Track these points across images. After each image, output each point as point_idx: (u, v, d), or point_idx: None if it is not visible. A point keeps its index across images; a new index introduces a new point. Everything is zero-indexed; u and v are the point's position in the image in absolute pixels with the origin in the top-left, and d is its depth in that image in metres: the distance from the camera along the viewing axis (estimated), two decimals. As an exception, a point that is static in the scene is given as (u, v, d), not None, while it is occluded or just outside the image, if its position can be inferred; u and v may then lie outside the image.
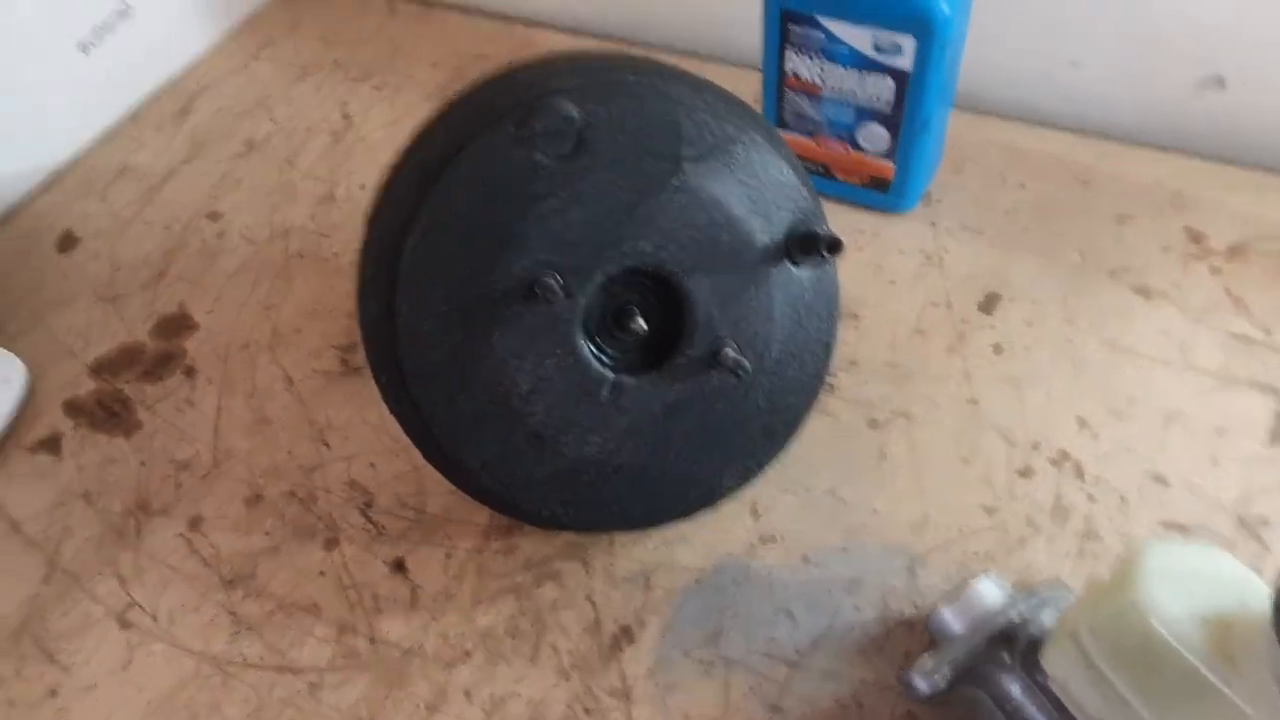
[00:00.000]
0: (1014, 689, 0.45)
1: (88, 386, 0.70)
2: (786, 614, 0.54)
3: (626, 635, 0.54)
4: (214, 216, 0.81)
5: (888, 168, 0.71)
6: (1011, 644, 0.46)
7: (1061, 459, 0.59)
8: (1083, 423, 0.61)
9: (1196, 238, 0.70)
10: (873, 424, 0.62)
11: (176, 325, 0.73)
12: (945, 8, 0.61)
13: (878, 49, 0.64)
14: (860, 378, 0.65)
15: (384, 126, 0.88)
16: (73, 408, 0.68)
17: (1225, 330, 0.64)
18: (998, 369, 0.64)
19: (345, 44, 0.98)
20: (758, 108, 0.74)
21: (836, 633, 0.53)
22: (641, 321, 0.46)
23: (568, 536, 0.57)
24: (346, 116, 0.90)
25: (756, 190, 0.47)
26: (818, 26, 0.65)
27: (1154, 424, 0.60)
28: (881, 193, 0.73)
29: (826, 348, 0.50)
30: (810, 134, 0.72)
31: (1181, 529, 0.55)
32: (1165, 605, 0.38)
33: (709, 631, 0.54)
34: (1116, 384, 0.62)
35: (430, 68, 0.94)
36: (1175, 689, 0.37)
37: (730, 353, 0.47)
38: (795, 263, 0.48)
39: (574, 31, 0.95)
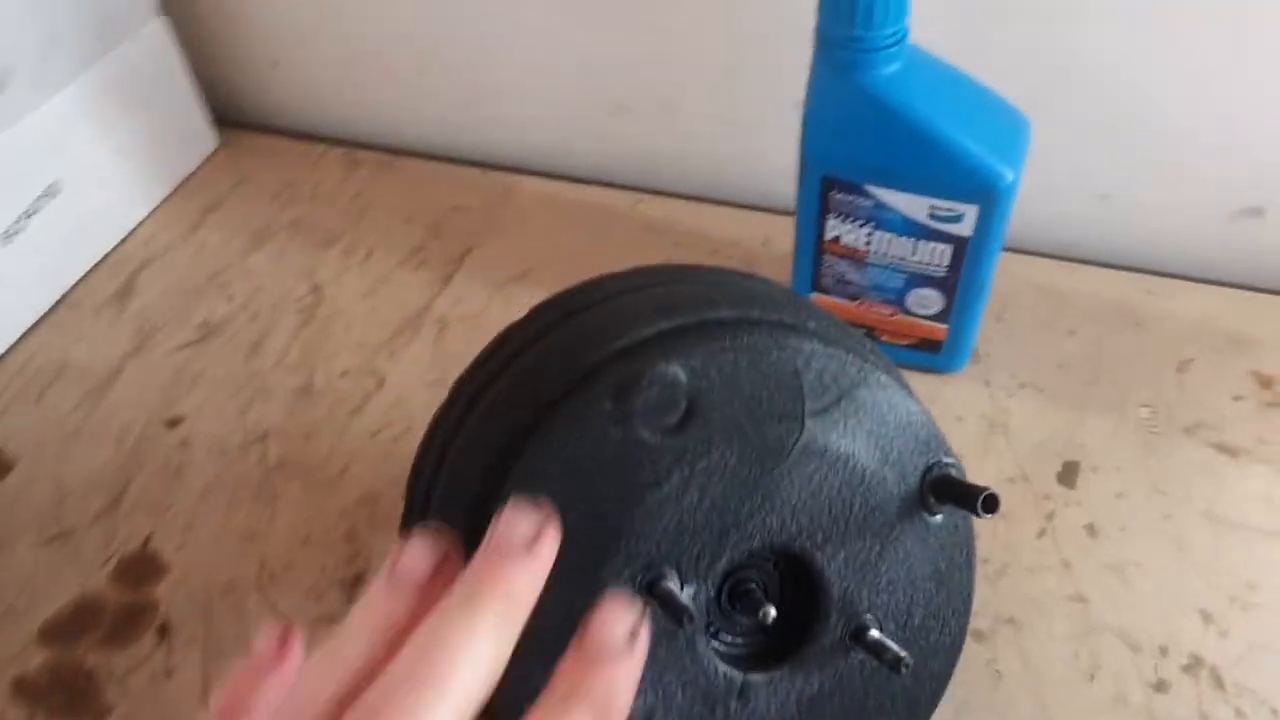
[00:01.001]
0: None
1: (39, 658, 0.58)
2: None
3: None
4: (173, 422, 0.70)
5: (939, 330, 0.65)
6: None
7: (1195, 665, 0.53)
8: (1207, 617, 0.55)
9: (1266, 382, 0.66)
10: (977, 635, 0.55)
11: (142, 568, 0.62)
12: (1009, 174, 0.56)
13: (934, 217, 0.59)
14: (950, 577, 0.58)
15: (361, 297, 0.79)
16: (23, 689, 0.56)
17: (1324, 489, 0.60)
18: (1096, 555, 0.58)
19: (303, 203, 0.89)
20: (787, 266, 0.68)
21: None
22: (771, 608, 0.38)
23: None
24: (315, 288, 0.80)
25: (886, 438, 0.40)
26: (865, 195, 0.59)
27: (1274, 606, 0.55)
28: (931, 353, 0.67)
29: (967, 599, 0.43)
30: (853, 299, 0.66)
31: (1346, 744, 0.50)
32: None
33: None
34: (1229, 565, 0.57)
35: (404, 224, 0.86)
36: None
37: (875, 634, 0.39)
38: (932, 512, 0.41)
39: (564, 178, 0.89)
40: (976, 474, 0.62)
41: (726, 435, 0.37)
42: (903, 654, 0.38)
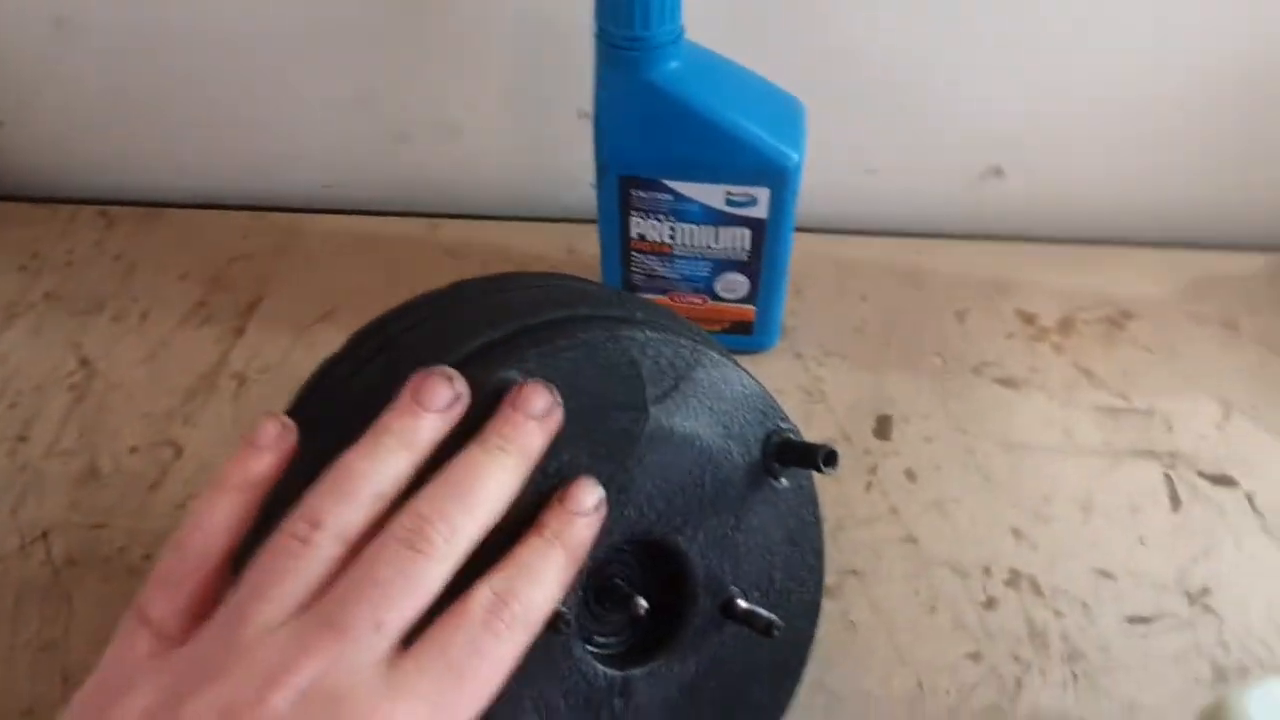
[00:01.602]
0: None
1: None
2: None
3: None
4: (-69, 536, 0.61)
5: (748, 311, 0.68)
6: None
7: (1015, 579, 0.58)
8: (1017, 534, 0.61)
9: (1030, 319, 0.74)
10: (828, 592, 0.58)
11: (-86, 710, 0.53)
12: (794, 154, 0.59)
13: (730, 203, 0.61)
14: (795, 543, 0.60)
15: (139, 363, 0.72)
16: None
17: (1091, 406, 0.68)
18: (918, 497, 0.63)
19: (56, 270, 0.80)
20: (595, 270, 0.69)
21: None
22: (641, 601, 0.38)
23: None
24: (84, 361, 0.72)
25: (726, 413, 0.41)
26: (664, 190, 0.61)
27: (1075, 518, 0.61)
28: (744, 335, 0.70)
29: (819, 554, 0.45)
30: (664, 292, 0.68)
31: (1145, 621, 0.56)
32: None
33: None
34: (1028, 485, 0.63)
35: (179, 281, 0.79)
36: None
37: (742, 604, 0.40)
38: (776, 477, 0.42)
39: (353, 212, 0.85)
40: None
41: (574, 437, 0.36)
42: (773, 618, 0.39)
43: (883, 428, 0.67)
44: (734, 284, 0.66)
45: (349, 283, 0.78)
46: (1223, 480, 0.63)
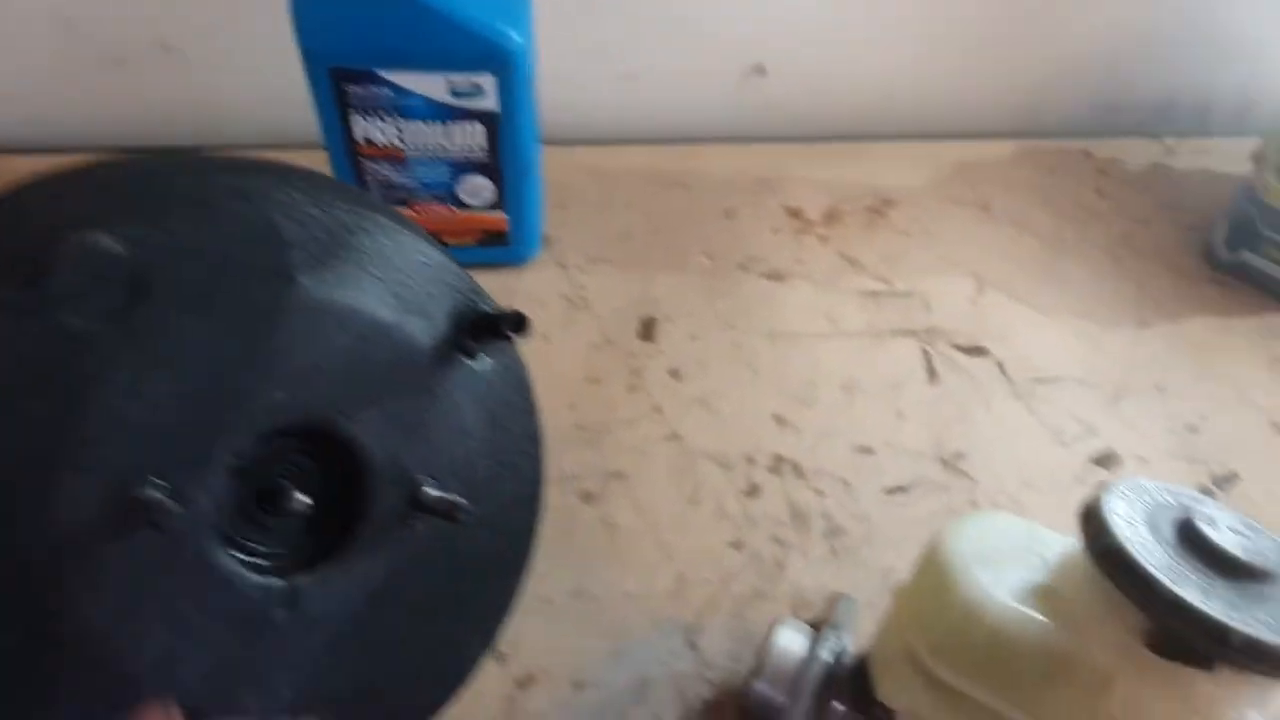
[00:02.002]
0: (858, 736, 0.41)
1: None
2: (584, 761, 0.45)
3: None
4: None
5: (499, 220, 0.64)
6: (840, 686, 0.41)
7: (778, 464, 0.57)
8: (780, 420, 0.59)
9: (795, 213, 0.73)
10: (586, 497, 0.55)
11: None
12: (516, 36, 0.55)
13: (456, 94, 0.56)
14: (554, 451, 0.56)
15: None
16: None
17: (854, 291, 0.67)
18: (683, 393, 0.60)
19: None
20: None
21: (645, 754, 0.45)
22: (301, 497, 0.34)
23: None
24: None
25: (400, 284, 0.36)
26: (380, 82, 0.55)
27: (838, 399, 0.61)
28: (500, 246, 0.66)
29: (535, 441, 0.42)
30: (404, 203, 0.62)
31: (903, 490, 0.56)
32: (993, 595, 0.35)
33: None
34: (793, 371, 0.62)
35: None
36: (1038, 675, 0.34)
37: (433, 492, 0.36)
38: (472, 355, 0.38)
39: (72, 150, 0.75)
40: (565, 352, 0.62)
41: (195, 307, 0.31)
42: (457, 500, 0.35)
43: (647, 330, 0.64)
44: (478, 188, 0.62)
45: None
46: (976, 351, 0.64)
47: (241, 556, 0.33)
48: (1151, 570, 0.31)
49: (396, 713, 0.38)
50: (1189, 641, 0.31)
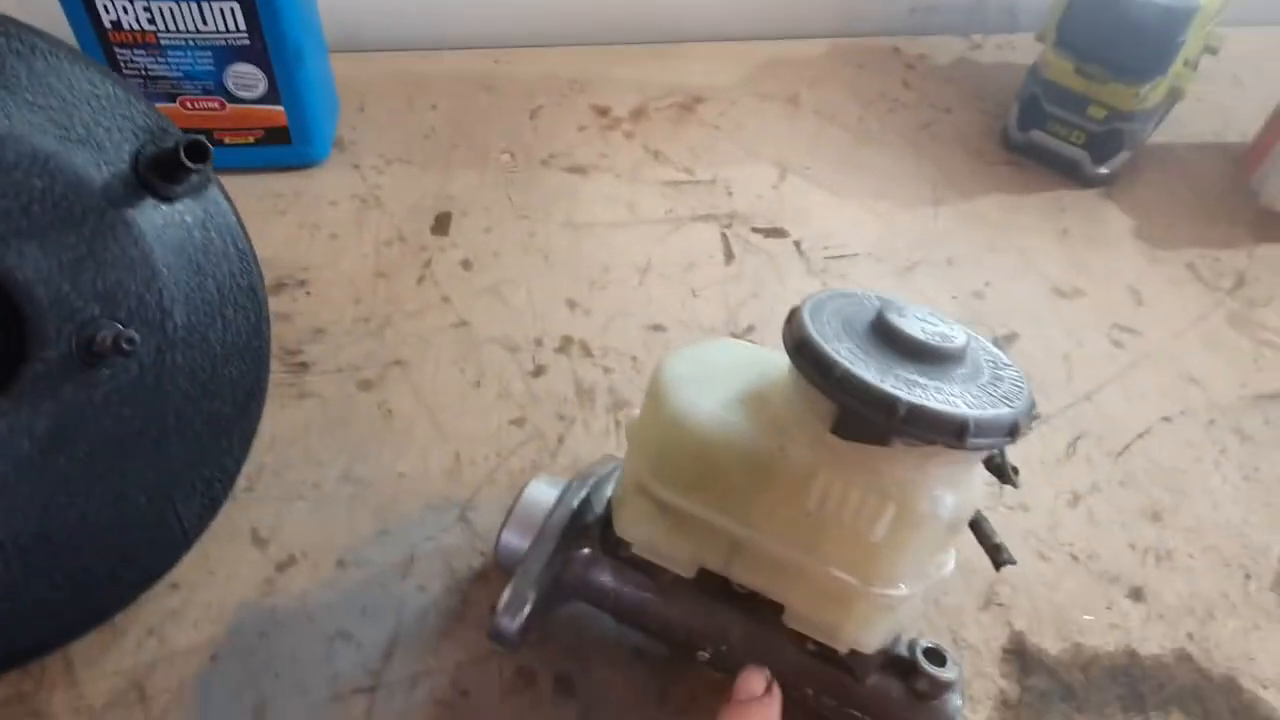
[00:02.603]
0: (605, 578, 0.40)
1: None
2: (342, 637, 0.43)
3: (139, 773, 0.39)
4: None
5: (277, 113, 0.61)
6: (587, 533, 0.41)
7: (566, 344, 0.56)
8: (572, 304, 0.58)
9: (603, 112, 0.72)
10: (365, 385, 0.53)
11: None
12: (259, -99, 0.52)
13: (201, -33, 0.53)
14: (334, 344, 0.55)
15: None
16: None
17: (657, 181, 0.67)
18: (474, 283, 0.59)
19: None
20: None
21: (408, 627, 0.44)
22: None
23: (-5, 693, 0.39)
24: None
25: (63, 112, 0.34)
26: (115, -47, 0.52)
27: (632, 281, 0.60)
28: (284, 145, 0.63)
29: (252, 293, 0.39)
30: (171, 97, 0.59)
31: (691, 364, 0.55)
32: (700, 406, 0.34)
33: (251, 709, 0.40)
34: (588, 258, 0.61)
35: None
36: (746, 481, 0.34)
37: (107, 335, 0.33)
38: (166, 197, 0.36)
39: None
40: (353, 249, 0.60)
41: None
42: (127, 331, 0.33)
43: (441, 224, 0.62)
44: (248, 78, 0.59)
45: None
46: (774, 233, 0.64)
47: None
48: (831, 354, 0.31)
49: (90, 567, 0.35)
50: (865, 418, 0.30)
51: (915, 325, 0.33)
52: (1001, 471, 0.37)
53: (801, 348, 0.32)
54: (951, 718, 0.38)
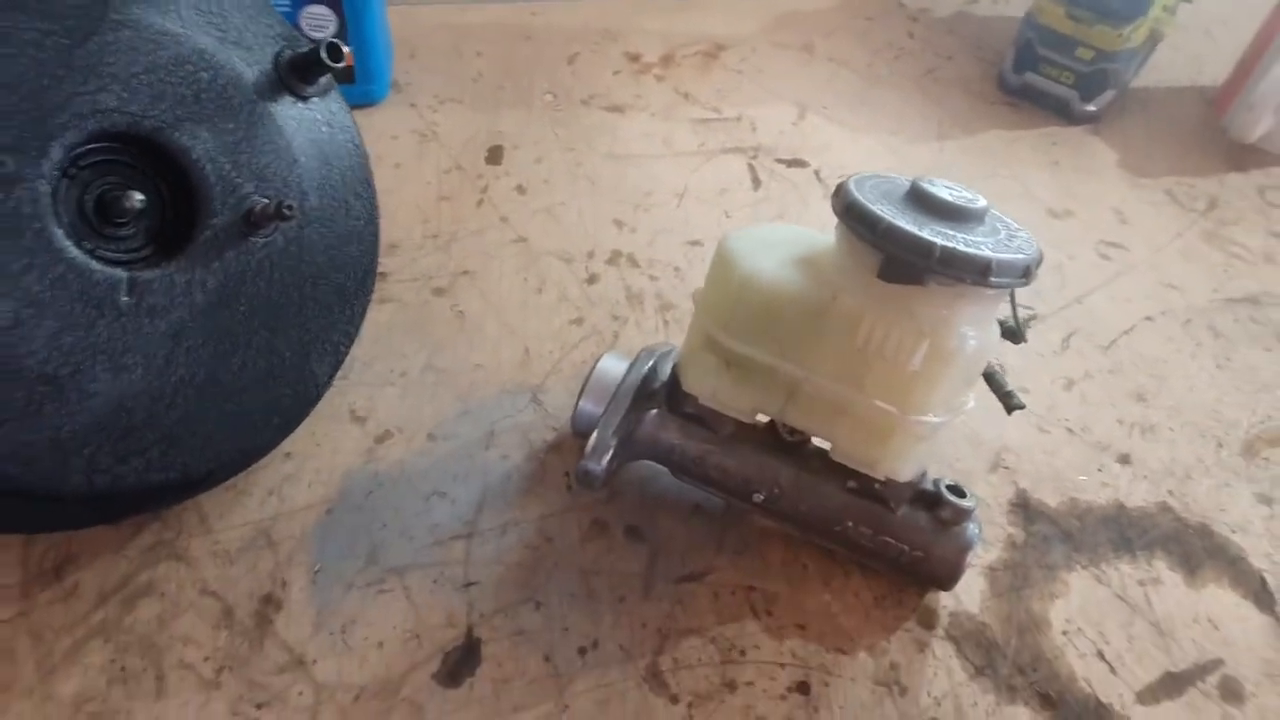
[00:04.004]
0: (671, 435, 0.46)
1: None
2: (438, 495, 0.49)
3: (271, 604, 0.45)
4: None
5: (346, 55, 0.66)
6: (654, 397, 0.47)
7: (616, 257, 0.62)
8: (619, 223, 0.64)
9: (635, 58, 0.78)
10: (438, 292, 0.59)
11: None
12: None
13: (286, -87, 0.59)
14: (408, 257, 0.61)
15: None
16: None
17: (688, 119, 0.73)
18: (529, 205, 0.65)
19: None
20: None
21: (495, 488, 0.50)
22: (136, 194, 0.37)
23: (142, 542, 0.45)
24: None
25: (220, 16, 0.39)
26: (209, -100, 0.57)
27: (671, 204, 0.66)
28: (348, 84, 0.68)
29: (367, 185, 0.45)
30: (248, 35, 0.64)
31: (728, 274, 0.62)
32: (765, 267, 0.41)
33: (363, 554, 0.47)
34: (631, 185, 0.67)
35: None
36: (804, 327, 0.40)
37: (265, 204, 0.40)
38: (301, 96, 0.42)
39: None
40: (416, 175, 0.66)
41: (13, 4, 0.34)
42: (288, 201, 0.39)
43: (495, 155, 0.68)
44: (320, 18, 0.64)
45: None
46: (796, 163, 0.70)
47: (83, 251, 0.36)
48: (877, 211, 0.38)
49: (246, 409, 0.41)
50: (905, 262, 0.37)
51: (944, 192, 0.39)
52: (1014, 332, 0.43)
53: (850, 208, 0.38)
54: (970, 541, 0.44)
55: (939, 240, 0.36)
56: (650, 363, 0.48)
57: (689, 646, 0.45)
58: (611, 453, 0.45)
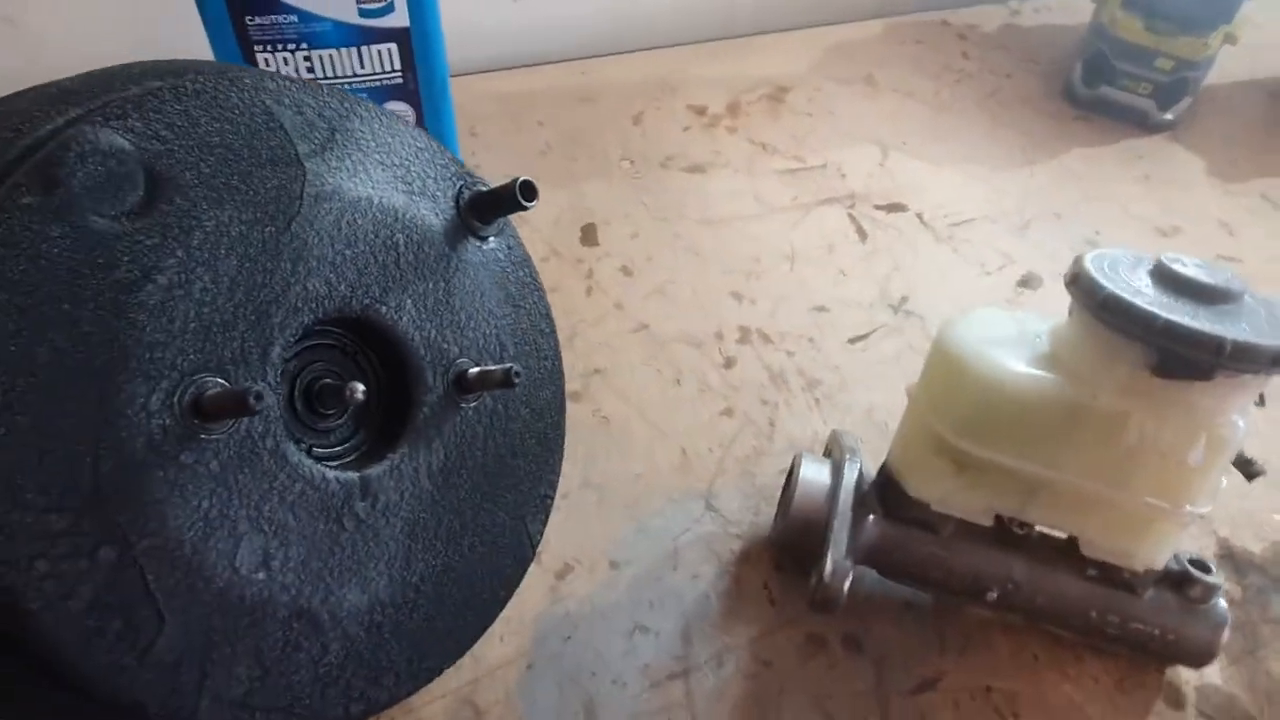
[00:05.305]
0: (892, 541, 0.44)
1: None
2: (640, 631, 0.46)
3: (493, 783, 0.41)
4: None
5: (421, 146, 0.62)
6: (866, 501, 0.44)
7: (746, 335, 0.59)
8: (737, 296, 0.61)
9: (700, 111, 0.75)
10: (574, 397, 0.55)
11: None
12: (419, -57, 0.54)
13: (365, 14, 0.54)
14: (530, 361, 0.57)
15: None
16: None
17: (773, 171, 0.70)
18: (638, 287, 0.62)
19: None
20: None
21: (695, 613, 0.47)
22: (358, 385, 0.33)
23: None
24: None
25: (403, 168, 0.36)
26: (283, 9, 0.53)
27: (784, 268, 0.63)
28: (424, 176, 0.64)
29: (549, 319, 0.42)
30: (320, 140, 0.60)
31: (863, 338, 0.59)
32: (1009, 367, 0.38)
33: (580, 709, 0.43)
34: (736, 251, 0.64)
35: None
36: (1056, 429, 0.38)
37: (475, 369, 0.36)
38: (482, 237, 0.38)
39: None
40: (513, 267, 0.62)
41: (216, 198, 0.29)
42: (509, 365, 0.35)
43: (589, 235, 0.65)
44: (400, 114, 0.60)
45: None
46: (895, 208, 0.68)
47: (319, 455, 0.32)
48: (1147, 306, 0.35)
49: (477, 589, 0.38)
50: (1189, 359, 0.35)
51: (1196, 271, 0.37)
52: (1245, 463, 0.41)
53: (1108, 304, 0.36)
54: (1224, 618, 0.43)
55: (1229, 335, 0.34)
56: (858, 465, 0.45)
57: (945, 764, 0.43)
58: (850, 574, 0.42)
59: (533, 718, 0.43)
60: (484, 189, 0.38)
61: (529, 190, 0.37)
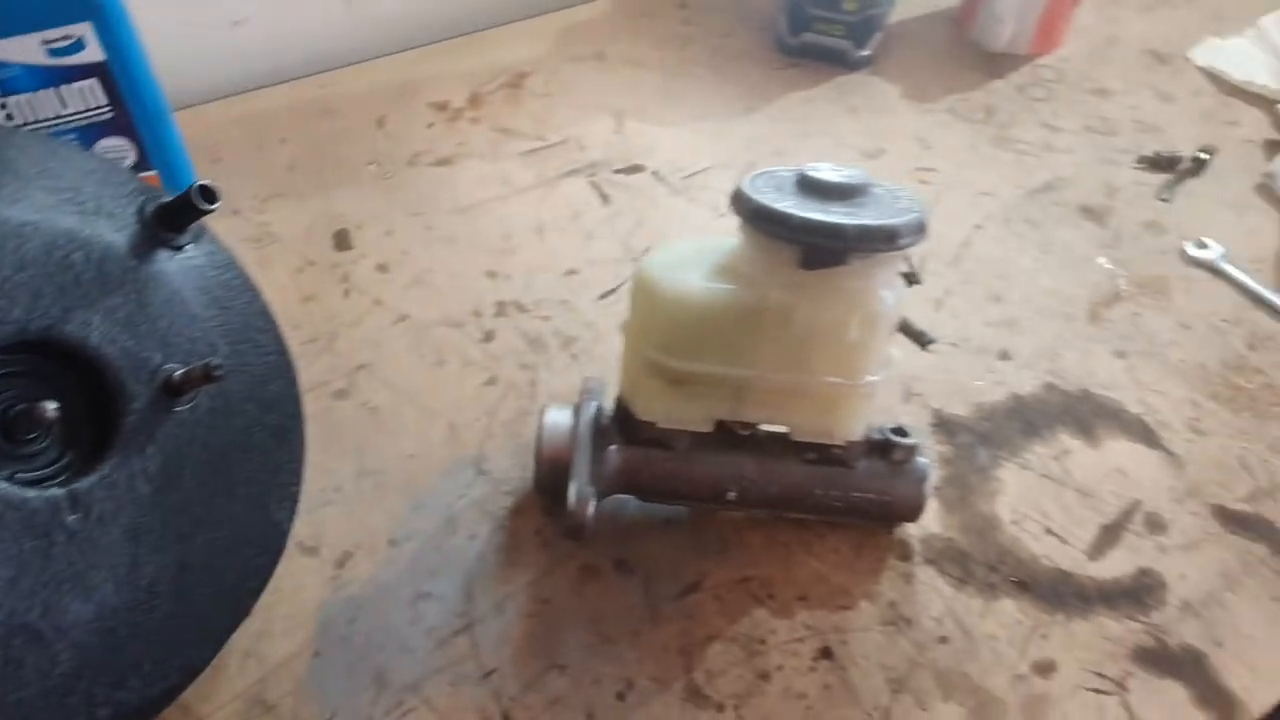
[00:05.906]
0: (636, 464, 0.48)
1: None
2: (423, 598, 0.48)
3: (295, 766, 0.43)
4: None
5: (152, 178, 0.62)
6: (606, 432, 0.48)
7: (503, 308, 0.62)
8: (492, 274, 0.64)
9: (442, 106, 0.78)
10: (340, 394, 0.57)
11: None
12: (95, -24, 0.54)
13: (55, 53, 0.54)
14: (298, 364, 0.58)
15: None
16: None
17: (516, 154, 0.73)
18: (396, 281, 0.64)
19: None
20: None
21: (475, 570, 0.49)
22: (49, 404, 0.34)
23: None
24: None
25: (71, 190, 0.37)
26: (-41, 57, 0.52)
27: (531, 242, 0.67)
28: (161, 208, 0.64)
29: (266, 316, 0.43)
30: (36, 187, 0.59)
31: (613, 292, 0.64)
32: (692, 284, 0.43)
33: (370, 683, 0.45)
34: (488, 233, 0.67)
35: None
36: (742, 331, 0.43)
37: (180, 372, 0.37)
38: (176, 246, 0.40)
39: None
40: (269, 282, 0.62)
41: None
42: (206, 360, 0.37)
43: (342, 240, 0.66)
44: (117, 150, 0.60)
45: None
46: (633, 169, 0.73)
47: (20, 478, 0.33)
48: (787, 209, 0.40)
49: (225, 581, 0.39)
50: (825, 248, 0.40)
51: (830, 174, 0.43)
52: (911, 277, 0.48)
53: (758, 212, 0.41)
54: (925, 471, 0.49)
55: (849, 221, 0.40)
56: (594, 404, 0.49)
57: (714, 654, 0.47)
58: (595, 500, 0.45)
59: (325, 700, 0.44)
60: (164, 200, 0.39)
61: (208, 193, 0.38)
